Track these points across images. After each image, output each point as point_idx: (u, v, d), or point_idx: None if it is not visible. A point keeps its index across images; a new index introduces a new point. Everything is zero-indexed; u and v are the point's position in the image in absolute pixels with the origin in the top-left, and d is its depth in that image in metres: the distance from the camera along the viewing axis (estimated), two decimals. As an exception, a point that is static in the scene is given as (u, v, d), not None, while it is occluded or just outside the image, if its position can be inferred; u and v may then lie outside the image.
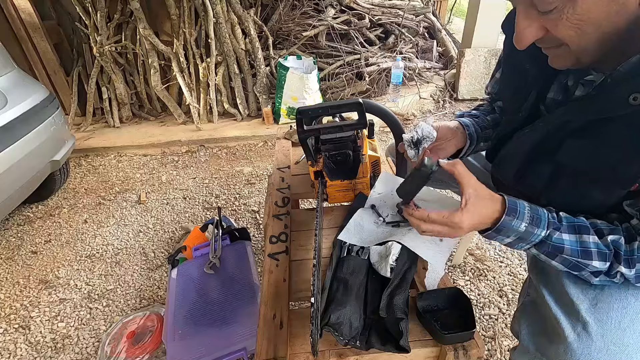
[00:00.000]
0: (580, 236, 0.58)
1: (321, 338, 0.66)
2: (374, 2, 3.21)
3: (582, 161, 0.58)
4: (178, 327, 1.14)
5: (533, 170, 0.66)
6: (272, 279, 0.84)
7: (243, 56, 2.85)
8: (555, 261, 0.60)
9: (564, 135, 0.59)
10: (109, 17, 2.77)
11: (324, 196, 0.99)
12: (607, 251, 0.56)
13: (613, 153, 0.54)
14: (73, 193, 2.31)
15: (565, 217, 0.60)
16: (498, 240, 0.62)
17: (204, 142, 2.79)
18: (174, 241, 1.84)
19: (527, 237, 0.59)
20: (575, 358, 0.56)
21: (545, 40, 0.53)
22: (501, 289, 1.45)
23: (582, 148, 0.57)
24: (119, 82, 2.92)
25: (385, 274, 0.76)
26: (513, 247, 0.62)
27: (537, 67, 0.65)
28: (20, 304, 1.54)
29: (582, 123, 0.57)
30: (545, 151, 0.63)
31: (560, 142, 0.60)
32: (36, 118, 1.78)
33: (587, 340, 0.57)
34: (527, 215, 0.59)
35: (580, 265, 0.58)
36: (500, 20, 0.76)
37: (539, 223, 0.59)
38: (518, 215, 0.59)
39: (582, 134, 0.57)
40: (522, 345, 0.66)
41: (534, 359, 0.63)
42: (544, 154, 0.63)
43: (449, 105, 3.16)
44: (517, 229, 0.59)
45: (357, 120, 0.76)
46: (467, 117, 0.92)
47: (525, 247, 0.61)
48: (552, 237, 0.58)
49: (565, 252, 0.58)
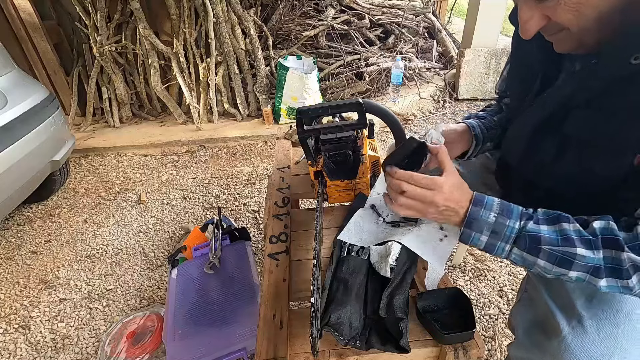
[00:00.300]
0: (559, 224, 0.56)
1: (321, 338, 0.66)
2: (374, 2, 3.21)
3: (587, 131, 0.57)
4: (178, 327, 1.14)
5: (539, 147, 0.66)
6: (272, 279, 0.84)
7: (243, 56, 2.85)
8: (540, 259, 0.56)
9: (569, 108, 0.59)
10: (109, 17, 2.77)
11: (324, 196, 0.99)
12: (590, 237, 0.53)
13: (615, 119, 0.54)
14: (73, 193, 2.31)
15: (541, 211, 0.59)
16: (474, 242, 0.60)
17: (204, 142, 2.79)
18: (174, 241, 1.84)
19: (501, 231, 0.57)
20: (570, 352, 0.57)
21: (548, 27, 0.55)
22: (501, 289, 1.45)
23: (587, 118, 0.57)
24: (119, 82, 2.92)
25: (385, 274, 0.76)
26: (493, 250, 0.59)
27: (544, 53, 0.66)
28: (20, 304, 1.54)
29: (586, 95, 0.57)
30: (551, 125, 0.63)
31: (566, 114, 0.60)
32: (36, 118, 1.78)
33: (582, 334, 0.57)
34: (495, 207, 0.58)
35: (567, 257, 0.54)
36: (500, 20, 0.77)
37: (510, 214, 0.57)
38: (485, 205, 0.59)
39: (587, 105, 0.57)
40: (518, 340, 0.67)
41: (529, 353, 0.63)
42: (549, 128, 0.63)
43: (449, 105, 3.16)
44: (487, 220, 0.58)
45: (357, 120, 0.76)
46: (474, 118, 0.93)
47: (505, 247, 0.58)
48: (526, 227, 0.56)
49: (543, 241, 0.55)
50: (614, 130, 0.54)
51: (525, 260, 0.58)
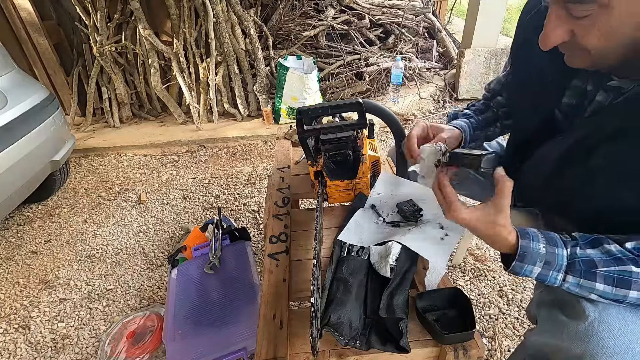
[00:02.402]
0: (602, 246, 0.56)
1: (321, 338, 0.66)
2: (374, 2, 3.21)
3: (617, 164, 0.58)
4: (178, 327, 1.14)
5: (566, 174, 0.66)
6: (272, 279, 0.84)
7: (243, 56, 2.85)
8: (598, 283, 0.55)
9: (598, 140, 0.59)
10: (109, 17, 2.77)
11: (324, 196, 0.99)
12: (632, 256, 0.54)
13: None
14: (73, 193, 2.31)
15: (577, 234, 0.58)
16: (527, 272, 0.58)
17: (204, 142, 2.79)
18: (174, 241, 1.84)
19: (553, 260, 0.56)
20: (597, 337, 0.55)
21: (569, 43, 0.54)
22: (501, 289, 1.45)
23: (617, 152, 0.57)
24: (119, 82, 2.92)
25: (385, 274, 0.76)
26: (547, 279, 0.58)
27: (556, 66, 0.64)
28: (20, 304, 1.54)
29: (616, 127, 0.57)
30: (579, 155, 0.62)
31: (594, 146, 0.60)
32: (36, 118, 1.78)
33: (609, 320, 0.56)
34: (540, 236, 0.58)
35: (625, 277, 0.54)
36: (501, 20, 0.77)
37: (555, 242, 0.57)
38: (532, 237, 0.58)
39: (616, 138, 0.57)
40: (542, 326, 0.65)
41: (555, 338, 0.61)
42: (578, 157, 0.63)
43: (449, 105, 3.16)
44: (539, 251, 0.57)
45: (357, 120, 0.76)
46: (461, 117, 0.92)
47: (558, 276, 0.57)
48: (577, 254, 0.56)
49: (599, 265, 0.54)
50: None
51: (582, 288, 0.56)
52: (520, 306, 1.37)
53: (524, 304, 1.38)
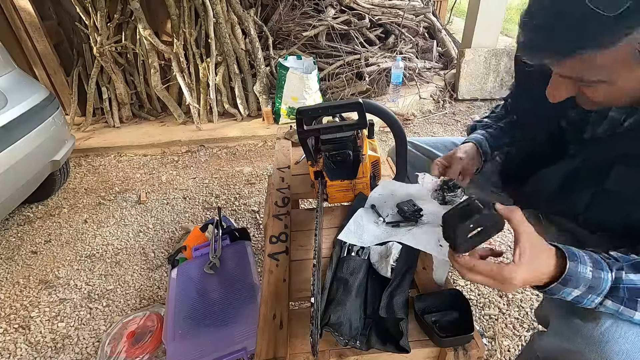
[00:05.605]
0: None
1: (321, 338, 0.66)
2: (374, 2, 3.21)
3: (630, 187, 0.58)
4: (178, 327, 1.14)
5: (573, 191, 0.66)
6: (272, 279, 0.84)
7: (243, 56, 2.85)
8: (638, 312, 0.53)
9: (611, 162, 0.60)
10: (109, 17, 2.77)
11: (324, 196, 0.99)
12: None
13: None
14: (73, 193, 2.31)
15: (618, 256, 0.55)
16: (564, 295, 0.54)
17: (204, 142, 2.79)
18: (174, 241, 1.84)
19: (597, 285, 0.52)
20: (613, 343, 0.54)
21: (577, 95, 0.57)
22: (501, 289, 1.45)
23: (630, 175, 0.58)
24: (119, 82, 2.92)
25: (386, 274, 0.76)
26: (582, 302, 0.54)
27: None
28: (20, 304, 1.54)
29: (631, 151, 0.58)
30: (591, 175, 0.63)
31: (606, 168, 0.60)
32: (36, 118, 1.78)
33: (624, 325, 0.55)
34: (587, 258, 0.53)
35: None
36: (501, 20, 0.77)
37: (600, 265, 0.53)
38: (580, 259, 0.53)
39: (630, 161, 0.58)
40: (553, 328, 0.64)
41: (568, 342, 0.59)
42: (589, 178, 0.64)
43: (449, 105, 3.16)
44: (585, 276, 0.52)
45: (357, 120, 0.76)
46: (480, 129, 0.94)
47: (596, 300, 0.54)
48: (622, 280, 0.52)
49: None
50: None
51: (620, 314, 0.54)
52: (520, 306, 1.37)
53: (524, 304, 1.38)
